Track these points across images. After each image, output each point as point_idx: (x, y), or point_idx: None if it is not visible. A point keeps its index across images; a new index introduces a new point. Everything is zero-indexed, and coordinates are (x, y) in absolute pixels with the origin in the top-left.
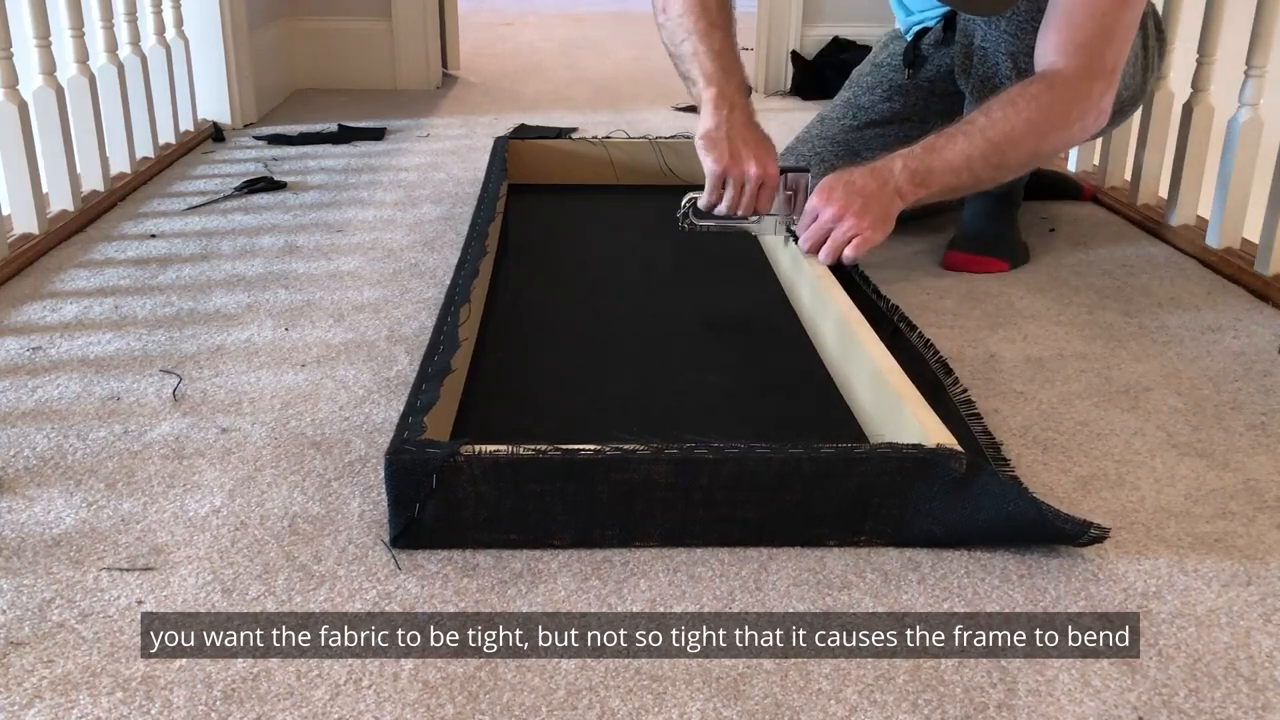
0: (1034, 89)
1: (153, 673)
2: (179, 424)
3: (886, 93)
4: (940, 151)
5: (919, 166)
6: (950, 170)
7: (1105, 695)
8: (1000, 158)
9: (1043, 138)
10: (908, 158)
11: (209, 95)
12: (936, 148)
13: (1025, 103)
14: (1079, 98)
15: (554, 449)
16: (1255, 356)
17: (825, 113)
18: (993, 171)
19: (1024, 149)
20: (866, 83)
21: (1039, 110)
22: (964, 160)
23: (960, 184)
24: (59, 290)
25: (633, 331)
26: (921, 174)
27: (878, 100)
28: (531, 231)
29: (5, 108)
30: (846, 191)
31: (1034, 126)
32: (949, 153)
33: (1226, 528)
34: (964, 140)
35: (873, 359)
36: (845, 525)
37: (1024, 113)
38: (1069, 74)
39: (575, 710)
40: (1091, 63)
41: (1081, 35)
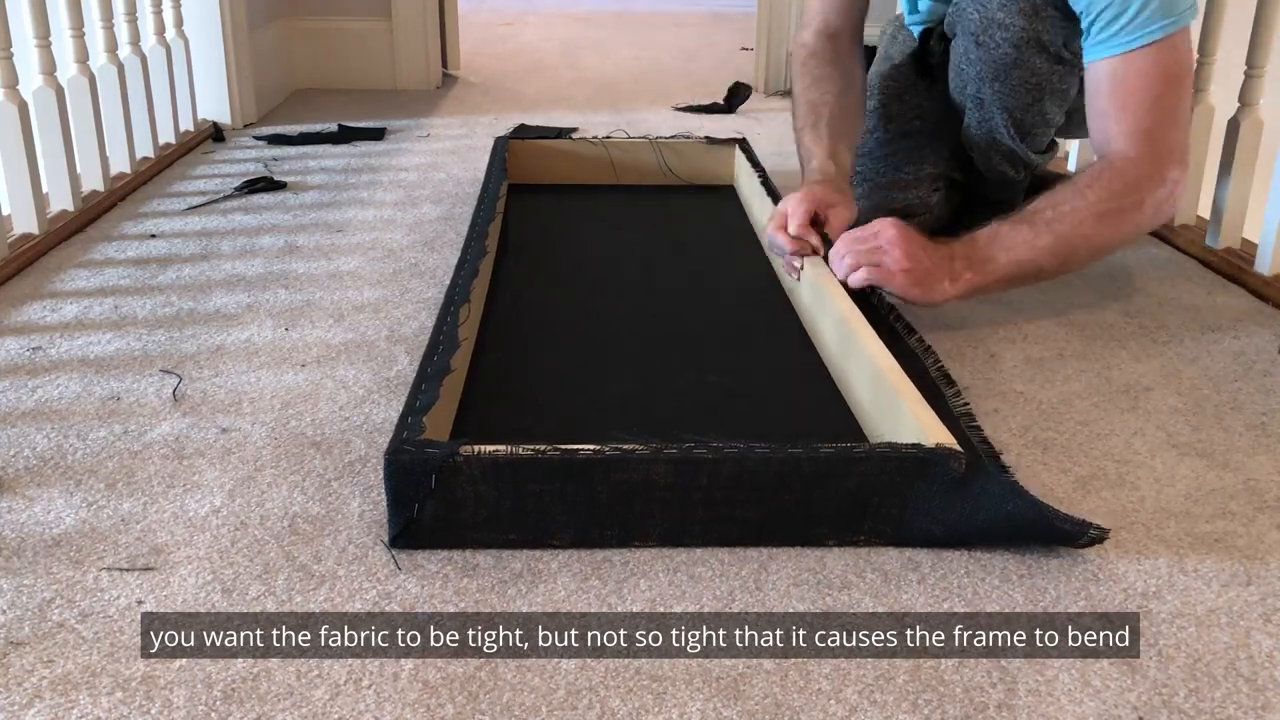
0: (1107, 176)
1: (153, 673)
2: (179, 424)
3: (913, 101)
4: (1002, 240)
5: (979, 254)
6: (1012, 260)
7: (1105, 695)
8: (1068, 249)
9: (1115, 229)
10: (968, 245)
11: (209, 95)
12: (998, 237)
13: (1096, 193)
14: (1153, 185)
15: (553, 449)
16: (1255, 356)
17: None
18: (1059, 265)
19: (1094, 241)
20: (891, 89)
21: (1111, 200)
22: (1029, 251)
23: (1023, 274)
24: (59, 290)
25: (632, 331)
26: (980, 262)
27: (907, 111)
28: (531, 231)
29: (5, 108)
30: (917, 236)
31: (1105, 218)
32: (1011, 242)
33: (1226, 528)
34: (1028, 231)
35: (872, 359)
36: (845, 525)
37: (1095, 205)
38: (1139, 160)
39: (575, 710)
40: (1159, 149)
41: (1143, 122)
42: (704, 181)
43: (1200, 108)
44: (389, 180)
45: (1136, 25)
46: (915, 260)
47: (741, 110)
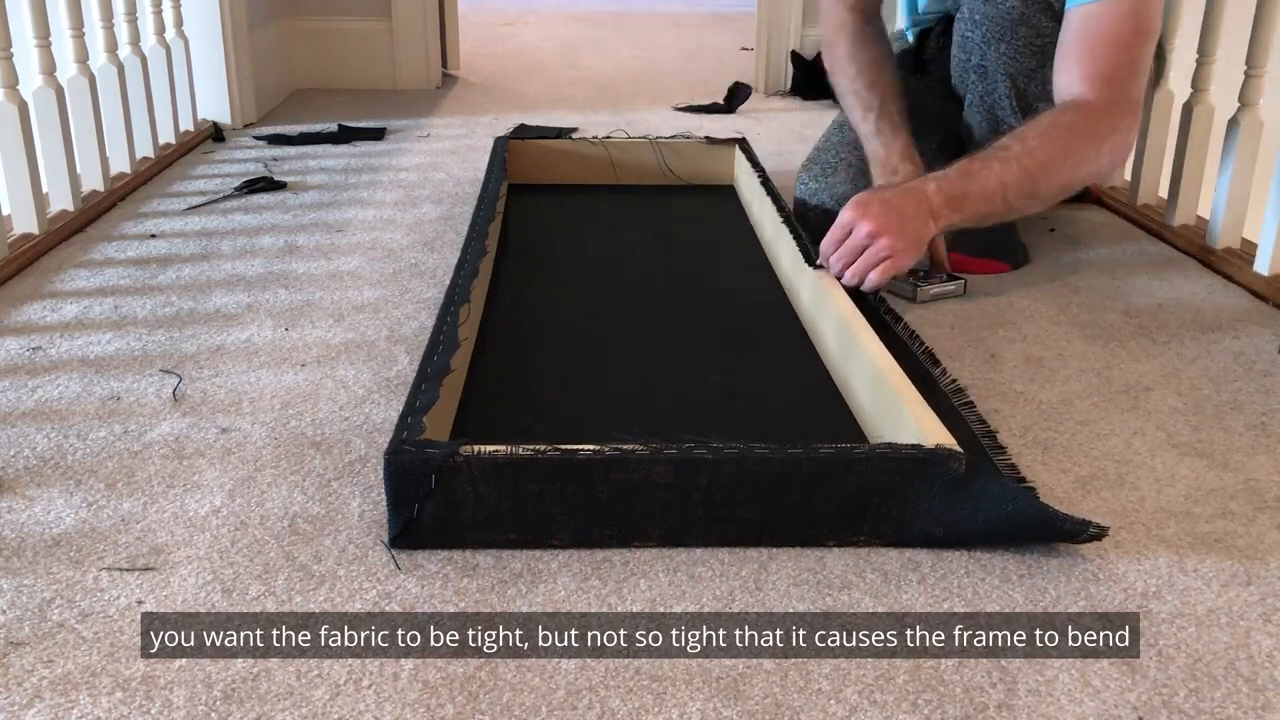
0: (1067, 118)
1: (153, 673)
2: (179, 424)
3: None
4: (975, 177)
5: (954, 191)
6: (984, 196)
7: (1105, 695)
8: (1034, 186)
9: (1075, 168)
10: (942, 181)
11: (209, 95)
12: (971, 173)
13: (1059, 132)
14: (1109, 130)
15: (553, 449)
16: (1255, 356)
17: (841, 118)
18: (1025, 200)
19: (1056, 179)
20: None
21: (1073, 140)
22: (999, 187)
23: (993, 210)
24: (59, 290)
25: (632, 331)
26: (956, 199)
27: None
28: (531, 231)
29: (5, 108)
30: (884, 208)
31: (1068, 156)
32: (984, 178)
33: (1226, 528)
34: (999, 167)
35: (872, 359)
36: (844, 525)
37: (1059, 142)
38: (1098, 105)
39: (575, 710)
40: (1118, 95)
41: (1106, 68)
42: (704, 181)
43: (1200, 107)
44: (389, 180)
45: None
46: (902, 231)
47: (741, 110)
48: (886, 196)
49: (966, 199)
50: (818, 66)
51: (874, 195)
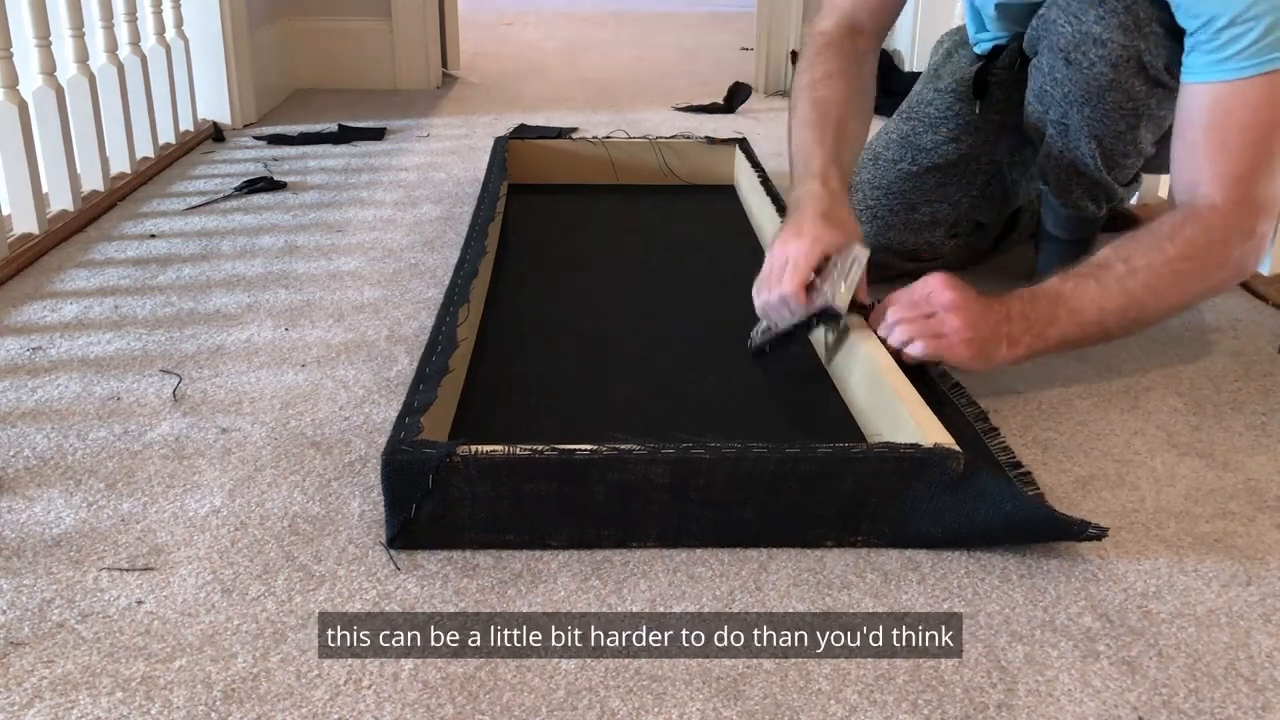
0: (1189, 232)
1: (153, 673)
2: (179, 424)
3: (952, 131)
4: (1066, 300)
5: (1040, 314)
6: (1076, 322)
7: (1105, 695)
8: (1139, 312)
9: (1193, 288)
10: (1027, 303)
11: (209, 95)
12: (1061, 295)
13: (1177, 249)
14: (1240, 239)
15: (550, 449)
16: (1255, 356)
17: (877, 148)
18: (1129, 326)
19: (1167, 302)
20: (928, 115)
21: (1192, 258)
22: (1096, 313)
23: (1086, 338)
24: (59, 290)
25: (631, 331)
26: (1041, 324)
27: (941, 141)
28: (531, 231)
29: (5, 108)
30: (975, 296)
31: (1184, 277)
32: (1076, 301)
33: (1226, 528)
34: (1096, 290)
35: (871, 358)
36: (843, 525)
37: (1173, 263)
38: (1227, 211)
39: (575, 710)
40: (1253, 197)
41: (1241, 166)
42: (704, 181)
43: None
44: (389, 180)
45: (1261, 49)
46: (977, 326)
47: (741, 110)
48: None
49: (1053, 325)
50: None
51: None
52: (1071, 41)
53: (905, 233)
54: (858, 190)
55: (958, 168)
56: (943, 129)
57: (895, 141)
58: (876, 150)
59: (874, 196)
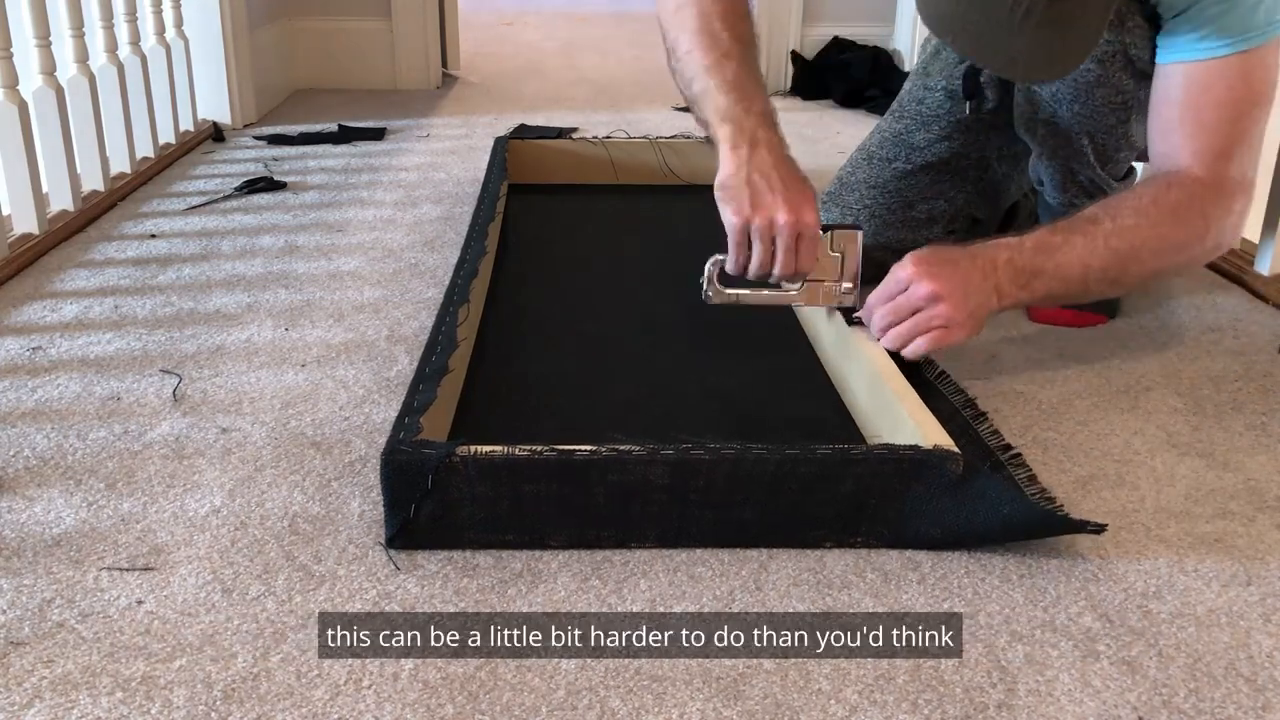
0: (1173, 197)
1: (153, 673)
2: (179, 424)
3: (944, 129)
4: (1054, 253)
5: (1026, 265)
6: (1061, 277)
7: (1105, 695)
8: (1120, 271)
9: (1172, 254)
10: (1015, 252)
11: (209, 95)
12: (1050, 247)
13: (1161, 213)
14: (1221, 213)
15: (550, 450)
16: (1255, 356)
17: (871, 148)
18: (1108, 285)
19: (1149, 264)
20: (920, 114)
21: (1175, 223)
22: (1080, 268)
23: (1067, 293)
24: (59, 290)
25: (631, 332)
26: (1027, 274)
27: (934, 139)
28: (531, 231)
29: (5, 108)
30: (950, 271)
31: (1166, 240)
32: (1064, 255)
33: (1226, 528)
34: (1083, 244)
35: (871, 359)
36: (842, 527)
37: (1159, 225)
38: (1209, 184)
39: (575, 710)
40: (1231, 172)
41: (1218, 140)
42: (704, 181)
43: None
44: (389, 180)
45: (1234, 27)
46: (964, 300)
47: None
48: (953, 257)
49: (1039, 276)
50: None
51: (938, 254)
52: None
53: (903, 230)
54: (854, 190)
55: (951, 165)
56: (935, 127)
57: (889, 140)
58: (870, 150)
59: (870, 196)
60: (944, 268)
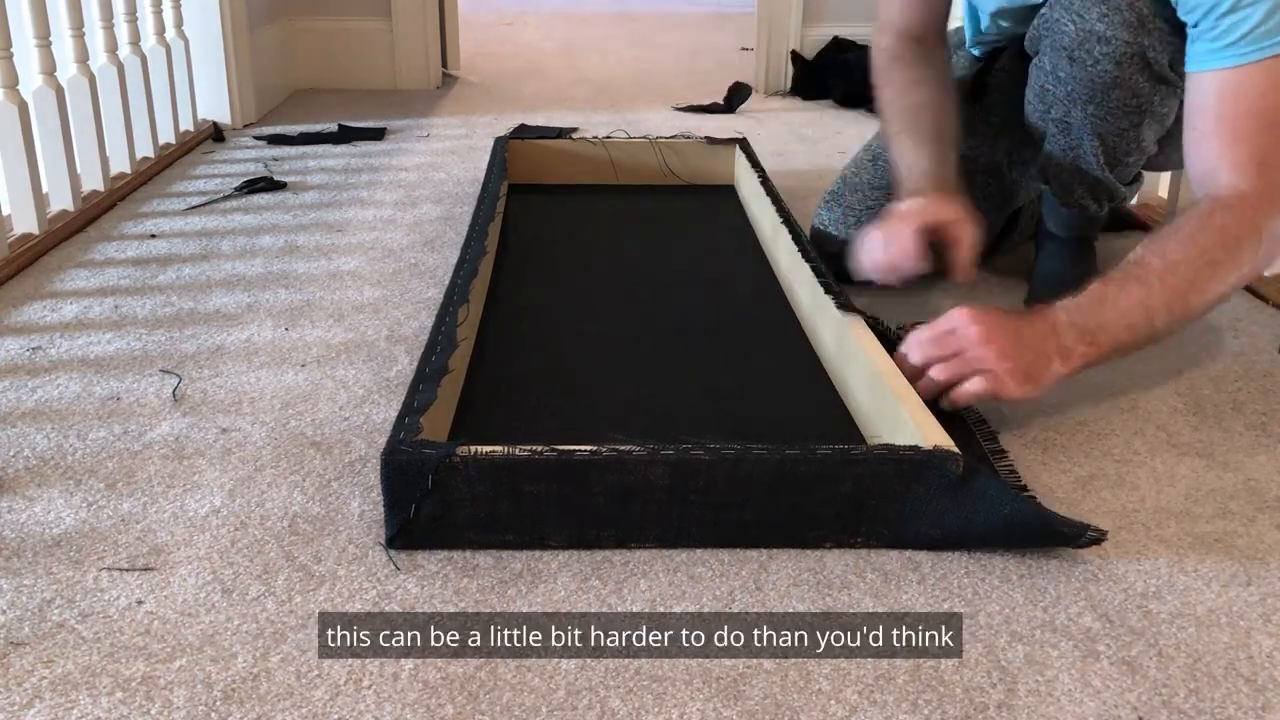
0: (1218, 220)
1: (153, 673)
2: (179, 424)
3: None
4: (1113, 303)
5: (1088, 321)
6: (1125, 325)
7: (1105, 695)
8: (1185, 306)
9: (1231, 274)
10: (1072, 312)
11: (209, 95)
12: (1105, 298)
13: (1209, 239)
14: (1268, 220)
15: (549, 450)
16: (1255, 356)
17: (876, 149)
18: (1174, 322)
19: (1212, 292)
20: None
21: (1225, 245)
22: (1142, 311)
23: (1136, 341)
24: (59, 290)
25: (631, 332)
26: (1091, 330)
27: None
28: (531, 231)
29: (5, 108)
30: (1002, 321)
31: (1221, 264)
32: (1123, 303)
33: (1226, 528)
34: (1138, 288)
35: (871, 360)
36: (842, 527)
37: (1209, 251)
38: (1254, 197)
39: (575, 710)
40: (1274, 181)
41: (1259, 150)
42: (704, 181)
43: None
44: (389, 180)
45: (1263, 33)
46: (1015, 354)
47: (741, 110)
48: (1007, 315)
49: (1104, 329)
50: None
51: (991, 310)
52: (1075, 40)
53: None
54: (857, 191)
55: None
56: None
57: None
58: (876, 151)
59: (874, 197)
60: (997, 316)
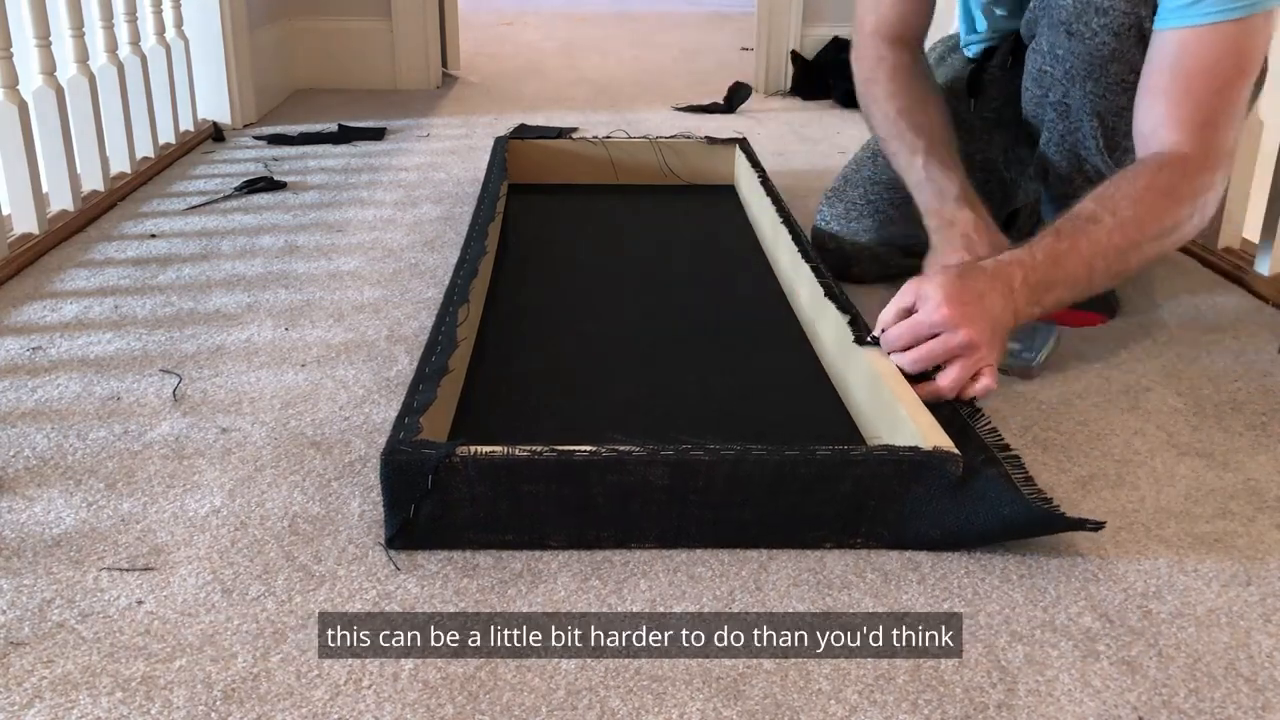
0: (1164, 180)
1: (153, 673)
2: (179, 424)
3: None
4: (1064, 262)
5: (1041, 279)
6: (1069, 283)
7: (1105, 695)
8: (1122, 264)
9: (1166, 237)
10: (1029, 269)
11: (209, 95)
12: (1059, 256)
13: (1156, 198)
14: (1204, 187)
15: (549, 450)
16: (1255, 356)
17: (875, 146)
18: (1108, 280)
19: (1147, 252)
20: None
21: (1168, 206)
22: (1085, 270)
23: (1073, 297)
24: (59, 290)
25: (631, 332)
26: (1041, 289)
27: None
28: (531, 231)
29: (5, 108)
30: (979, 311)
31: (1161, 225)
32: (1071, 262)
33: (1226, 528)
34: (1088, 246)
35: (871, 361)
36: (842, 528)
37: (1154, 211)
38: (1195, 159)
39: (575, 710)
40: (1215, 145)
41: (1204, 111)
42: (704, 181)
43: None
44: (389, 180)
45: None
46: (994, 335)
47: (741, 110)
48: (979, 289)
49: (1051, 289)
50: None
51: (965, 286)
52: (1073, 13)
53: (906, 226)
54: (858, 186)
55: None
56: None
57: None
58: (875, 148)
59: (874, 192)
60: (974, 306)
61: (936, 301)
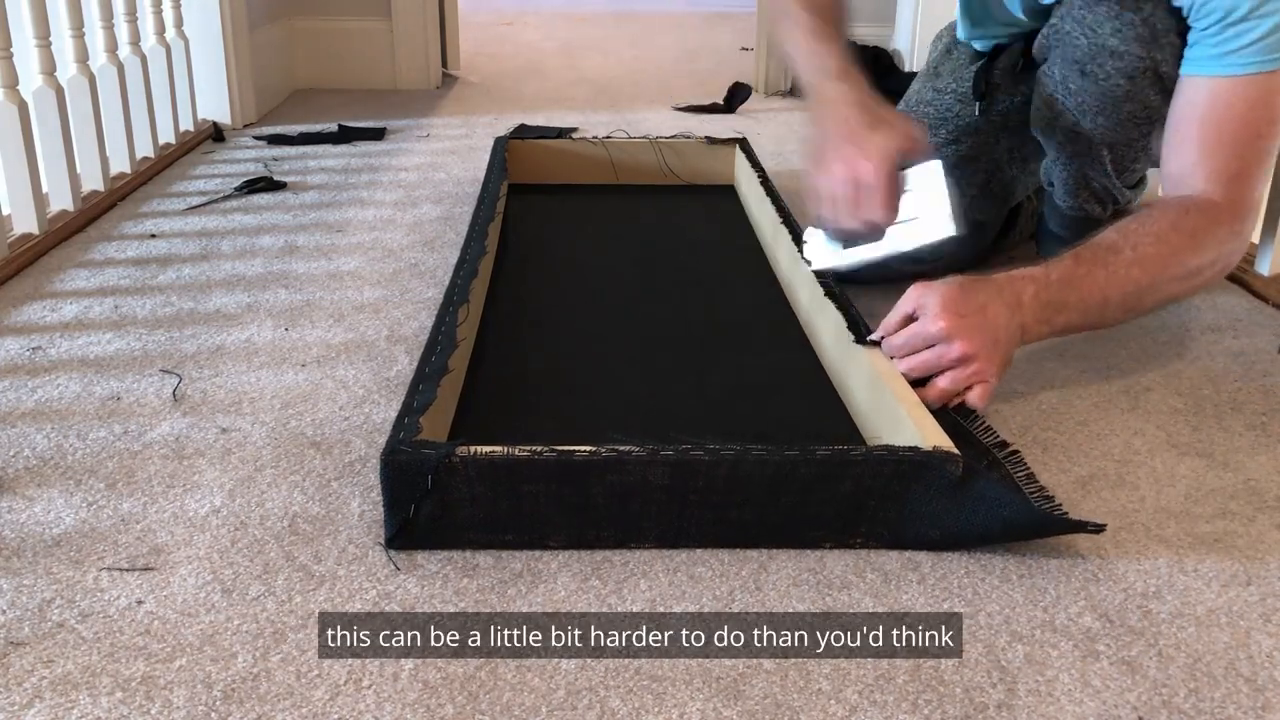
0: (1190, 223)
1: (153, 673)
2: (179, 424)
3: (952, 133)
4: (1077, 285)
5: (1052, 299)
6: (1082, 309)
7: (1105, 695)
8: (1137, 301)
9: (1185, 281)
10: (1041, 286)
11: (209, 95)
12: (1074, 280)
13: (1181, 240)
14: (1229, 236)
15: (549, 450)
16: (1255, 356)
17: None
18: (1122, 314)
19: (1164, 292)
20: (928, 116)
21: (1192, 249)
22: (1100, 299)
23: (1085, 324)
24: (59, 290)
25: (631, 332)
26: (1051, 309)
27: (943, 142)
28: (531, 231)
29: (5, 108)
30: (980, 323)
31: (1182, 268)
32: (1086, 288)
33: (1226, 528)
34: (1104, 275)
35: (871, 361)
36: (841, 528)
37: (1177, 253)
38: (1223, 209)
39: (575, 710)
40: (1244, 197)
41: (1236, 164)
42: (704, 181)
43: None
44: (389, 180)
45: (1264, 47)
46: (995, 353)
47: (741, 110)
48: (981, 300)
49: (1063, 311)
50: None
51: (967, 298)
52: (1087, 54)
53: None
54: None
55: (958, 169)
56: (942, 131)
57: None
58: None
59: None
60: (974, 318)
61: (935, 312)
